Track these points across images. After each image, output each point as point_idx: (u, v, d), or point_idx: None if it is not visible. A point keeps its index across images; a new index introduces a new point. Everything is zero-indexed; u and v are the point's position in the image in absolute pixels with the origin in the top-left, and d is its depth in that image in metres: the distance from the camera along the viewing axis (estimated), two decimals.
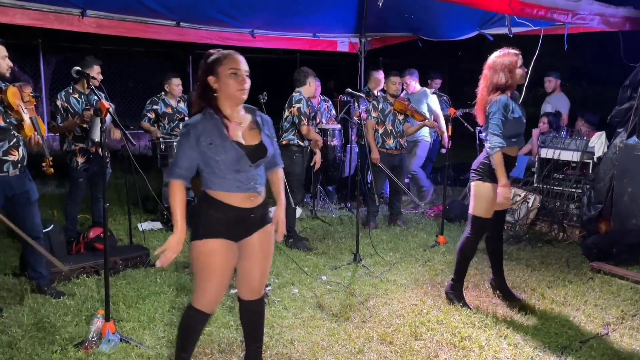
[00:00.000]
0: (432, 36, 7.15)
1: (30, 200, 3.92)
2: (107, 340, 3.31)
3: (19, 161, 3.78)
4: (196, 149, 2.56)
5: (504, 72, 3.77)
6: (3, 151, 3.68)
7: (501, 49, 3.86)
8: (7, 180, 3.74)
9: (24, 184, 3.86)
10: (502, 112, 3.76)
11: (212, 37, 6.60)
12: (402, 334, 3.60)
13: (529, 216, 5.98)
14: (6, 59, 3.69)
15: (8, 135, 3.69)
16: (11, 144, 3.71)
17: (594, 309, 4.03)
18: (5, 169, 3.71)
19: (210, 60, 2.60)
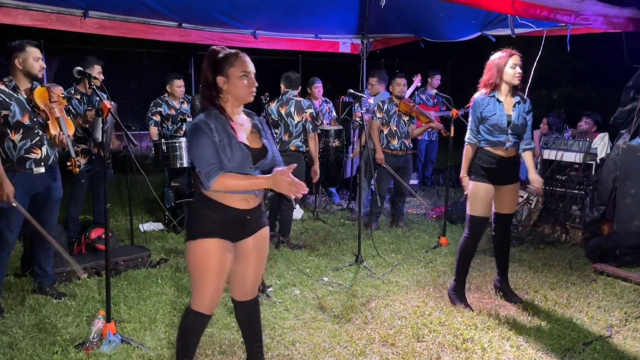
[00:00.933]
0: (434, 37, 7.13)
1: (51, 198, 3.98)
2: (108, 341, 3.30)
3: (42, 159, 3.83)
4: (214, 143, 2.49)
5: (492, 70, 3.86)
6: (25, 149, 3.75)
7: (503, 50, 3.87)
8: (30, 178, 3.79)
9: (49, 182, 3.93)
10: (472, 110, 3.93)
11: (215, 38, 6.59)
12: (404, 336, 3.59)
13: (532, 218, 5.96)
14: (39, 60, 3.78)
15: (31, 133, 3.76)
16: (33, 142, 3.78)
17: (597, 311, 4.01)
18: (28, 167, 3.77)
19: (219, 60, 2.56)
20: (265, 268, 4.48)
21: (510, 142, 3.90)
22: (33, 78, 3.79)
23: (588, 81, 15.56)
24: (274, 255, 5.10)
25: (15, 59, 3.71)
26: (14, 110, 3.67)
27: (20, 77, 3.76)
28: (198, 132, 2.49)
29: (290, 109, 5.41)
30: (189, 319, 2.71)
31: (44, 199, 3.95)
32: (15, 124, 3.69)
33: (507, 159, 3.92)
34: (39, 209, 3.94)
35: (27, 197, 3.81)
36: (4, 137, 3.68)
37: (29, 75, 3.76)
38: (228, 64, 2.55)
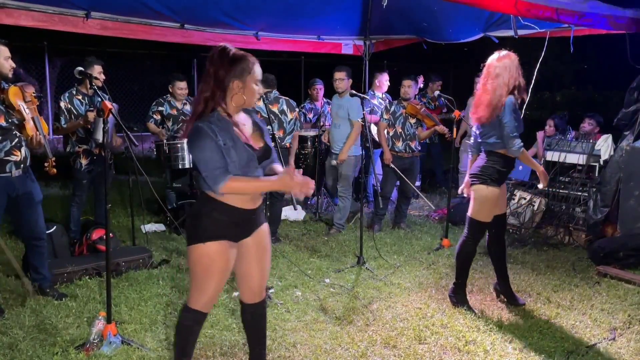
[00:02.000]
0: (437, 39, 7.11)
1: (34, 201, 3.90)
2: (109, 342, 3.28)
3: (21, 161, 3.76)
4: (220, 146, 2.45)
5: (518, 72, 3.72)
6: (5, 151, 3.67)
7: (503, 51, 3.80)
8: (10, 181, 3.72)
9: (27, 184, 3.85)
10: (515, 112, 3.74)
11: (217, 39, 6.59)
12: (406, 338, 3.57)
13: (535, 219, 5.93)
14: (9, 59, 3.68)
15: (10, 135, 3.69)
16: (13, 144, 3.70)
17: (600, 314, 3.98)
18: (8, 170, 3.70)
19: (238, 64, 2.50)
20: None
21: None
22: (3, 78, 3.67)
23: (591, 83, 15.54)
24: (275, 257, 5.09)
25: None
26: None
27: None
28: (201, 135, 2.43)
29: (282, 107, 5.48)
30: (188, 317, 2.69)
31: (27, 203, 3.87)
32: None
33: (515, 160, 3.91)
34: (24, 213, 3.88)
35: (4, 201, 3.75)
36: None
37: (0, 75, 3.65)
38: (247, 71, 2.52)
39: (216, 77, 2.48)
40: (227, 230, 2.58)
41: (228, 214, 2.56)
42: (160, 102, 6.07)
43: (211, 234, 2.54)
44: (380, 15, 6.82)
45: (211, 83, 2.49)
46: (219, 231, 2.56)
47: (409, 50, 8.19)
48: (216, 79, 2.48)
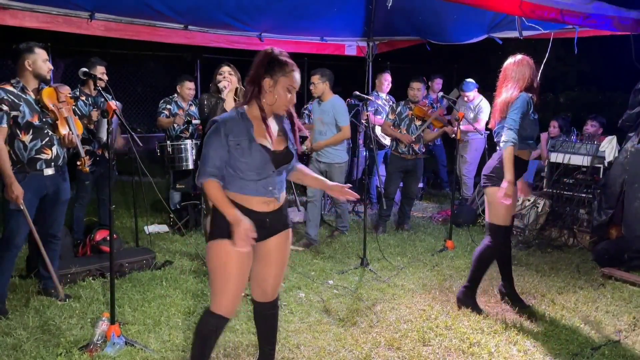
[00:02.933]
0: (440, 40, 7.10)
1: (60, 199, 3.99)
2: (112, 343, 3.28)
3: (52, 160, 3.84)
4: (225, 147, 2.52)
5: (531, 69, 3.73)
6: (36, 150, 3.75)
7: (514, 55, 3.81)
8: (41, 179, 3.80)
9: (59, 183, 3.94)
10: (522, 108, 3.71)
11: (220, 40, 6.59)
12: (410, 340, 3.56)
13: (539, 221, 5.91)
14: (47, 62, 3.80)
15: (41, 134, 3.77)
16: (44, 143, 3.78)
17: (605, 316, 3.97)
18: (39, 167, 3.78)
19: (275, 63, 2.54)
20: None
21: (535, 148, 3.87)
22: (42, 79, 3.80)
23: (595, 84, 15.47)
24: None
25: (25, 61, 3.72)
26: (24, 110, 3.69)
27: (29, 79, 3.77)
28: (214, 132, 2.54)
29: None
30: (209, 322, 2.67)
31: (53, 200, 3.96)
32: (25, 125, 3.70)
33: (525, 162, 3.88)
34: (47, 209, 3.95)
35: (36, 199, 3.82)
36: (14, 138, 3.69)
37: (38, 77, 3.78)
38: (282, 72, 2.54)
39: (256, 73, 2.56)
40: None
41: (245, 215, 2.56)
42: (168, 101, 6.10)
43: (225, 231, 2.55)
44: (383, 17, 6.81)
45: (252, 79, 2.56)
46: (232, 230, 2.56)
47: (413, 51, 8.17)
48: (255, 74, 2.56)
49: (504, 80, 3.81)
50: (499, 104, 3.83)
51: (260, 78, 2.54)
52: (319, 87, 5.44)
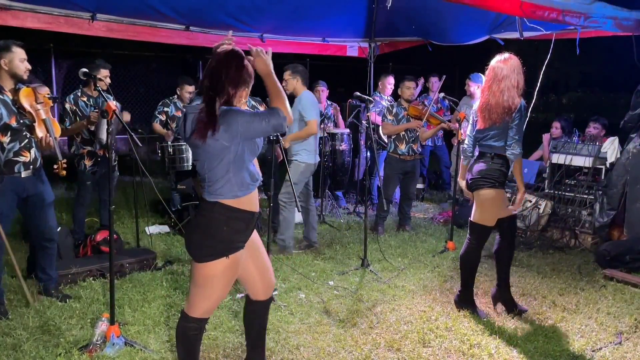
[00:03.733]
0: (442, 41, 7.10)
1: (45, 202, 3.93)
2: (112, 343, 3.28)
3: (30, 162, 3.79)
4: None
5: (520, 74, 3.68)
6: (14, 152, 3.70)
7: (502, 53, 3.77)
8: (19, 182, 3.75)
9: (38, 186, 3.87)
10: (525, 117, 3.74)
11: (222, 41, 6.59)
12: (410, 341, 3.55)
13: (540, 222, 5.89)
14: (25, 61, 3.73)
15: (20, 136, 3.71)
16: (22, 145, 3.73)
17: (606, 317, 3.95)
18: (17, 170, 3.72)
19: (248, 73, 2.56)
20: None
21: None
22: (18, 79, 3.71)
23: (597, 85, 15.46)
24: (279, 259, 5.08)
25: (1, 59, 3.63)
26: (1, 112, 3.61)
27: (5, 78, 3.68)
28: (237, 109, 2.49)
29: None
30: (190, 327, 2.64)
31: (39, 204, 3.89)
32: (2, 127, 3.62)
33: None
34: (34, 214, 3.89)
35: (14, 202, 3.76)
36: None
37: (15, 77, 3.69)
38: (251, 79, 2.60)
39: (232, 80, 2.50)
40: (244, 237, 2.58)
41: (245, 220, 2.55)
42: (167, 103, 6.09)
43: (231, 245, 2.51)
44: (385, 18, 6.81)
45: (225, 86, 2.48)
46: (237, 241, 2.54)
47: (414, 52, 8.17)
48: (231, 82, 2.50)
49: (493, 80, 3.70)
50: (494, 107, 3.70)
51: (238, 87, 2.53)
52: (290, 83, 5.24)
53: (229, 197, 2.49)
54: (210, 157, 2.48)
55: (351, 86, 7.81)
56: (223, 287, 2.59)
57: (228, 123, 2.42)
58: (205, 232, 2.51)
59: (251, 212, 2.57)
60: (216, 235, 2.49)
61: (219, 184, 2.49)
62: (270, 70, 2.58)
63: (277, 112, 2.50)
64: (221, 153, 2.46)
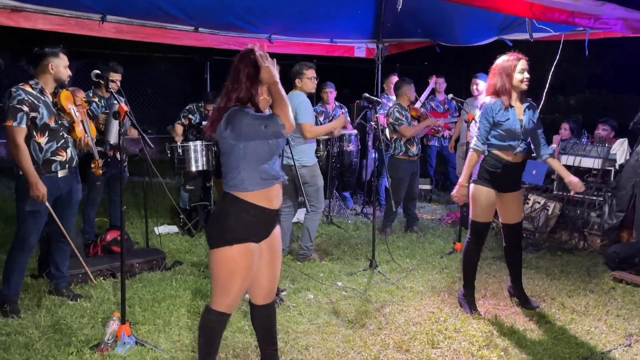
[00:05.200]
0: (450, 42, 7.09)
1: (73, 200, 4.04)
2: (123, 343, 3.31)
3: (67, 162, 3.88)
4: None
5: (501, 75, 3.78)
6: (51, 152, 3.80)
7: (509, 53, 3.84)
8: (55, 181, 3.84)
9: (72, 184, 3.99)
10: (484, 116, 3.82)
11: (230, 42, 6.63)
12: (419, 342, 3.55)
13: (549, 224, 5.88)
14: (67, 68, 3.88)
15: (57, 136, 3.82)
16: (59, 145, 3.83)
17: (616, 320, 3.94)
18: (54, 169, 3.82)
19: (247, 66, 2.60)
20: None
21: (520, 148, 3.85)
22: (61, 84, 3.87)
23: (606, 86, 15.37)
24: (287, 260, 5.10)
25: (50, 64, 3.79)
26: (42, 112, 3.74)
27: (49, 82, 3.83)
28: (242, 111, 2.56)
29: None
30: (211, 319, 2.70)
31: (66, 201, 4.00)
32: (42, 127, 3.74)
33: (514, 164, 3.88)
34: (60, 210, 3.97)
35: (50, 200, 3.84)
36: (30, 139, 3.73)
37: (58, 81, 3.84)
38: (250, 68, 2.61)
39: (249, 76, 2.58)
40: (253, 231, 2.63)
41: (256, 215, 2.60)
42: (192, 110, 6.17)
43: (238, 235, 2.58)
44: (393, 19, 6.81)
45: (244, 81, 2.58)
46: (246, 232, 2.59)
47: (422, 53, 8.16)
48: (249, 78, 2.58)
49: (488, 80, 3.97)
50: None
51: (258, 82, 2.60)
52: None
53: (239, 190, 2.59)
54: (222, 151, 2.64)
55: (358, 87, 7.81)
56: (233, 280, 2.61)
57: (234, 123, 2.53)
58: (216, 220, 2.64)
59: (263, 208, 2.61)
60: (224, 223, 2.60)
61: (230, 177, 2.62)
62: (275, 80, 2.62)
63: (276, 120, 2.58)
64: (230, 149, 2.59)
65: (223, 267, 2.60)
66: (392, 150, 6.06)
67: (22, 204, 3.74)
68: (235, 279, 2.61)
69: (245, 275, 2.63)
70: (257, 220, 2.62)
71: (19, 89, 3.68)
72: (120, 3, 5.35)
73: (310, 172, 4.98)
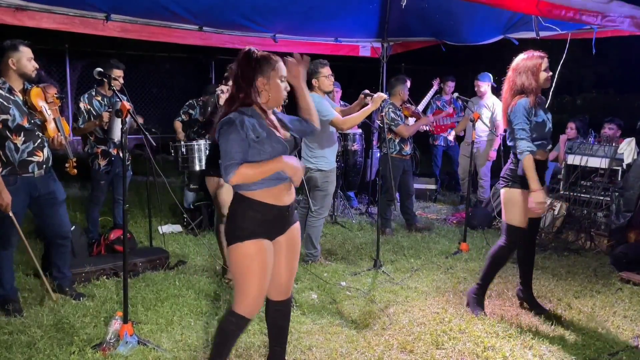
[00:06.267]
0: (455, 41, 7.04)
1: (57, 200, 3.95)
2: (125, 342, 3.29)
3: (43, 162, 3.81)
4: (245, 141, 2.53)
5: (527, 74, 3.69)
6: (28, 152, 3.71)
7: (527, 52, 3.79)
8: (31, 181, 3.77)
9: (49, 184, 3.89)
10: (524, 116, 3.67)
11: (235, 41, 6.61)
12: (423, 343, 3.52)
13: (555, 224, 5.83)
14: (32, 60, 3.73)
15: (32, 136, 3.74)
16: (36, 145, 3.75)
17: (623, 321, 3.89)
18: (31, 170, 3.75)
19: (261, 61, 2.60)
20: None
21: (550, 145, 3.82)
22: (27, 79, 3.73)
23: (612, 86, 15.27)
24: None
25: (9, 59, 3.64)
26: (14, 114, 3.62)
27: (14, 78, 3.69)
28: (230, 127, 2.51)
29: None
30: (231, 321, 2.69)
31: (50, 202, 3.90)
32: (15, 128, 3.63)
33: (543, 162, 3.81)
34: (47, 213, 3.91)
35: (26, 202, 3.78)
36: (5, 140, 3.62)
37: (23, 76, 3.70)
38: (270, 67, 2.61)
39: (245, 76, 2.60)
40: (262, 228, 2.62)
41: (262, 212, 2.60)
42: (192, 105, 6.14)
43: (247, 232, 2.58)
44: (398, 18, 6.77)
45: (243, 83, 2.60)
46: (254, 229, 2.60)
47: (427, 52, 8.11)
48: (245, 78, 2.60)
49: (508, 80, 3.83)
50: (504, 108, 3.87)
51: (252, 79, 2.59)
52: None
53: (243, 189, 2.61)
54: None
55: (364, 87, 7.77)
56: (249, 277, 2.59)
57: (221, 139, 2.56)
58: (229, 218, 2.66)
59: (271, 205, 2.61)
60: (234, 221, 2.62)
61: None
62: (299, 83, 2.68)
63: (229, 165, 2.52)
64: None
65: (238, 263, 2.61)
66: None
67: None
68: (251, 277, 2.60)
69: (261, 274, 2.62)
70: (265, 217, 2.62)
71: None
72: (125, 2, 5.32)
73: (323, 177, 4.91)
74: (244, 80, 2.59)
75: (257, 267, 2.60)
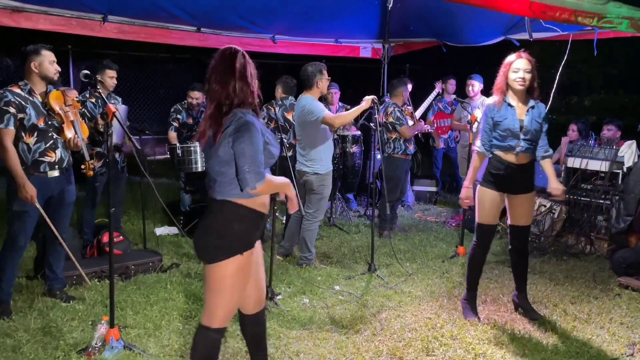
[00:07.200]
0: (456, 42, 6.98)
1: (66, 202, 4.02)
2: (111, 347, 3.27)
3: (56, 162, 3.86)
4: (264, 144, 2.47)
5: (499, 73, 3.76)
6: (40, 152, 3.78)
7: (517, 52, 3.75)
8: (45, 181, 3.82)
9: (63, 185, 3.97)
10: (485, 115, 3.79)
11: (233, 42, 6.42)
12: (413, 349, 3.47)
13: (555, 228, 5.74)
14: (54, 63, 3.82)
15: (46, 137, 3.80)
16: (47, 145, 3.81)
17: (619, 327, 3.81)
18: (42, 169, 3.80)
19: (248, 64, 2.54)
20: (275, 275, 4.42)
21: (521, 147, 3.73)
22: (49, 81, 3.83)
23: (621, 87, 15.07)
24: (285, 263, 5.04)
25: (31, 63, 3.74)
26: (30, 113, 3.71)
27: (36, 81, 3.79)
28: (253, 130, 2.39)
29: None
30: (211, 338, 2.56)
31: (58, 202, 3.97)
32: (30, 127, 3.72)
33: (518, 165, 3.76)
34: (52, 211, 3.95)
35: (41, 201, 3.83)
36: (19, 140, 3.71)
37: (45, 79, 3.80)
38: (252, 67, 2.55)
39: (244, 75, 2.49)
40: (254, 237, 2.55)
41: (256, 220, 2.53)
42: (178, 110, 6.09)
43: (247, 242, 2.48)
44: (399, 19, 6.72)
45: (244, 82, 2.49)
46: (250, 238, 2.51)
47: (428, 53, 8.04)
48: (243, 77, 2.49)
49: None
50: None
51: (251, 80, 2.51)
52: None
53: (242, 197, 2.46)
54: (221, 159, 2.47)
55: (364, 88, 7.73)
56: (238, 291, 2.52)
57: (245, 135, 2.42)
58: (216, 232, 2.46)
59: (260, 213, 2.55)
60: (228, 233, 2.45)
61: (230, 185, 2.47)
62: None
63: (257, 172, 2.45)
64: (231, 158, 2.44)
65: (225, 280, 2.45)
66: (390, 149, 5.99)
67: (11, 204, 3.73)
68: (236, 290, 2.50)
69: (243, 285, 2.55)
70: (257, 226, 2.56)
71: (6, 90, 3.67)
72: (122, 3, 5.32)
73: (319, 181, 4.86)
74: (241, 79, 2.48)
75: (240, 282, 2.50)
